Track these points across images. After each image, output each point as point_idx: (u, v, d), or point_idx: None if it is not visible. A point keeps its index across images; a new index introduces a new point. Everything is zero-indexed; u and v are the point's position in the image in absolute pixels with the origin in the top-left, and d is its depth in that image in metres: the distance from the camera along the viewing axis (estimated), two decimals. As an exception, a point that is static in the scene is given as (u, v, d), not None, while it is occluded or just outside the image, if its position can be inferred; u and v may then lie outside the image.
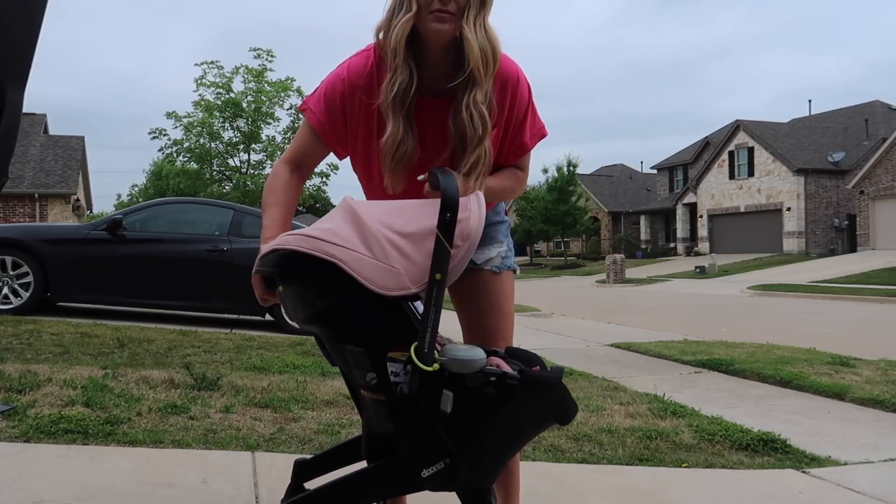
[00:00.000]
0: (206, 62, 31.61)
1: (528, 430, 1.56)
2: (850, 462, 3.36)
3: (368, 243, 1.48)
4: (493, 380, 1.44)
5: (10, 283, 7.44)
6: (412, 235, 1.49)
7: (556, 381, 1.48)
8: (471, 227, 1.49)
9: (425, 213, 1.53)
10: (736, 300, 18.15)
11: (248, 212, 8.82)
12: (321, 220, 1.63)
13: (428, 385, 1.44)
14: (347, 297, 1.48)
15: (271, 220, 1.78)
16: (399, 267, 1.46)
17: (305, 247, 1.49)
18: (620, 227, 47.73)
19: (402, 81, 1.67)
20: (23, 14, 1.97)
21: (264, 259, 1.59)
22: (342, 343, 1.58)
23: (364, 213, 1.53)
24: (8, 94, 1.94)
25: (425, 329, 1.43)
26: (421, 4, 1.63)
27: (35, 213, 26.06)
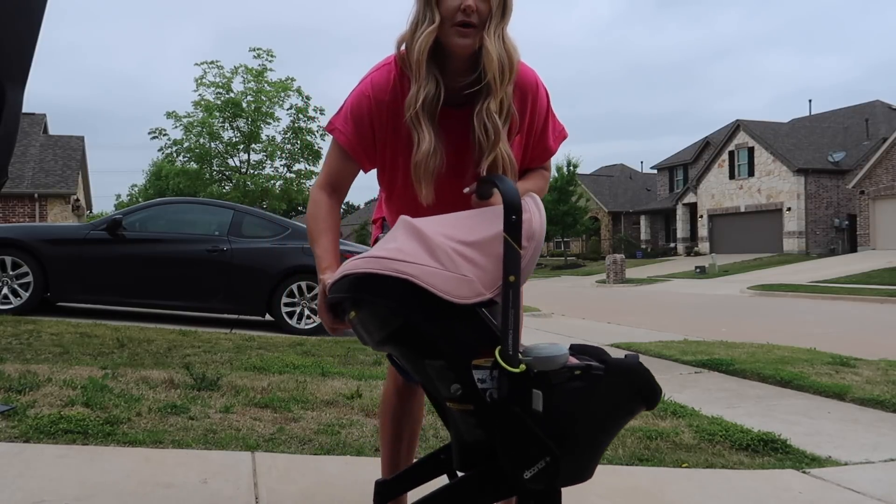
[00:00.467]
0: (205, 62, 31.60)
1: (620, 418, 1.58)
2: (850, 462, 3.36)
3: (436, 256, 1.49)
4: (578, 373, 1.46)
5: (9, 283, 7.44)
6: (477, 244, 1.52)
7: (640, 366, 1.51)
8: (534, 226, 1.52)
9: (483, 221, 1.57)
10: (736, 300, 18.15)
11: (248, 212, 8.82)
12: (383, 240, 1.64)
13: (517, 387, 1.45)
14: (424, 312, 1.49)
15: (324, 249, 1.79)
16: (470, 275, 1.48)
17: (375, 268, 1.50)
18: (620, 227, 47.73)
19: (429, 93, 1.68)
20: (22, 14, 1.97)
21: (335, 286, 1.60)
22: (422, 359, 1.58)
23: (426, 228, 1.55)
24: (8, 94, 1.94)
25: (507, 331, 1.45)
26: (444, 16, 1.64)
27: (35, 213, 26.06)
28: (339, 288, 1.59)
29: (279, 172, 32.17)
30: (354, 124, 1.77)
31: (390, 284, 1.49)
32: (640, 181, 51.44)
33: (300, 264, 8.02)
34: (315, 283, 7.93)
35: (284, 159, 32.09)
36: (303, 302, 7.95)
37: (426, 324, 1.50)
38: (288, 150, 31.91)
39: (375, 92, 1.75)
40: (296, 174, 32.10)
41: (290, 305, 7.92)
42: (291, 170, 32.24)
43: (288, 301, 7.91)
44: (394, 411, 2.03)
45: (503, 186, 1.53)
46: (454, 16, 1.63)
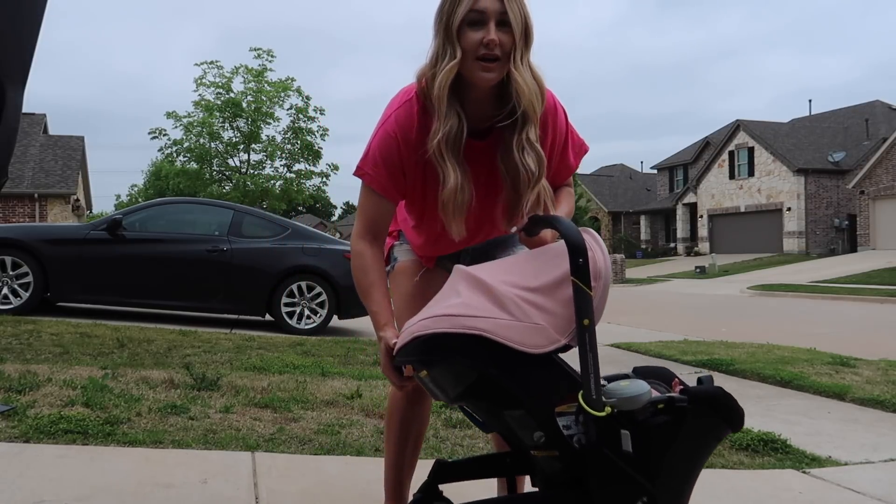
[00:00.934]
0: (205, 62, 31.59)
1: (708, 445, 1.57)
2: (850, 462, 3.36)
3: (505, 307, 1.47)
4: (661, 407, 1.45)
5: (9, 283, 7.44)
6: (542, 289, 1.50)
7: (721, 391, 1.51)
8: (599, 265, 1.51)
9: (543, 264, 1.55)
10: (736, 300, 18.15)
11: (248, 212, 8.83)
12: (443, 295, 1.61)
13: (605, 430, 1.43)
14: (500, 365, 1.46)
15: (378, 304, 1.74)
16: (542, 322, 1.46)
17: (447, 327, 1.48)
18: (620, 227, 47.73)
19: (452, 128, 1.66)
20: (23, 14, 1.97)
21: (405, 351, 1.56)
22: (501, 409, 1.56)
23: (486, 277, 1.54)
24: (8, 94, 1.94)
25: (588, 376, 1.43)
26: (466, 50, 1.61)
27: (35, 213, 26.07)
28: (409, 351, 1.55)
29: (279, 172, 32.17)
30: (385, 167, 1.74)
31: (463, 342, 1.46)
32: (640, 181, 51.44)
33: (300, 264, 8.03)
34: (315, 284, 7.96)
35: (284, 159, 32.09)
36: (303, 302, 7.95)
37: (504, 376, 1.47)
38: (288, 150, 31.90)
39: (402, 131, 1.71)
40: (296, 174, 32.09)
41: (290, 305, 7.92)
42: (291, 170, 32.24)
43: (288, 301, 7.91)
44: (402, 413, 2.02)
45: (563, 228, 1.50)
46: (477, 49, 1.61)
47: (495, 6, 1.61)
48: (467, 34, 1.61)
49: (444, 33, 1.63)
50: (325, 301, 7.97)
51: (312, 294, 7.97)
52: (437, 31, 1.66)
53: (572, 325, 1.46)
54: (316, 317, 7.96)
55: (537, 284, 1.51)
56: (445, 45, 1.64)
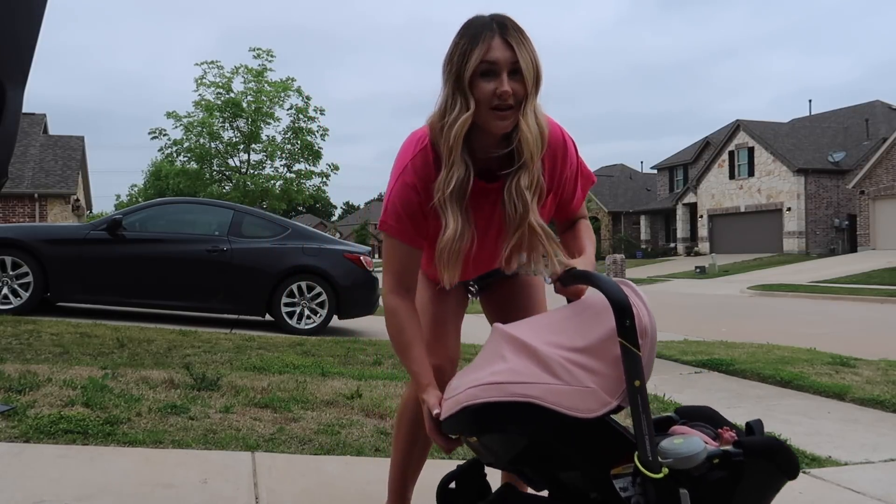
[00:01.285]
0: (205, 62, 31.57)
1: (766, 496, 1.56)
2: (850, 462, 3.36)
3: (553, 371, 1.45)
4: (716, 462, 1.44)
5: (9, 283, 7.44)
6: (588, 349, 1.48)
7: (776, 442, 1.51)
8: (645, 322, 1.50)
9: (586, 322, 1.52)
10: (736, 300, 18.14)
11: (248, 212, 8.82)
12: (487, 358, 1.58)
13: (663, 492, 1.41)
14: (553, 430, 1.45)
15: (418, 364, 1.72)
16: (592, 385, 1.44)
17: (496, 396, 1.46)
18: (620, 227, 47.72)
19: (459, 177, 1.65)
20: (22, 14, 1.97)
21: (453, 421, 1.54)
22: (555, 471, 1.55)
23: (529, 339, 1.51)
24: (8, 94, 1.94)
25: (643, 437, 1.41)
26: (480, 101, 1.60)
27: (35, 213, 26.06)
28: (459, 421, 1.53)
29: (279, 172, 32.16)
30: (408, 217, 1.73)
31: (514, 409, 1.44)
32: (640, 181, 51.43)
33: (300, 264, 8.02)
34: (315, 284, 7.96)
35: (284, 159, 32.09)
36: (303, 302, 7.95)
37: (557, 441, 1.46)
38: (288, 150, 31.89)
39: (420, 181, 1.71)
40: (296, 174, 32.08)
41: (290, 305, 7.92)
42: (291, 170, 32.23)
43: (288, 301, 7.91)
44: (414, 417, 2.00)
45: (605, 287, 1.48)
46: (490, 100, 1.59)
47: (507, 55, 1.58)
48: (480, 85, 1.59)
49: (456, 84, 1.61)
50: (325, 301, 7.97)
51: (312, 294, 7.97)
52: (446, 81, 1.64)
53: (622, 384, 1.44)
54: (316, 317, 7.96)
55: (583, 344, 1.48)
56: (457, 96, 1.61)
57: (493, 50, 1.58)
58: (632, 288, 1.54)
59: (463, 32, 1.63)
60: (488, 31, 1.59)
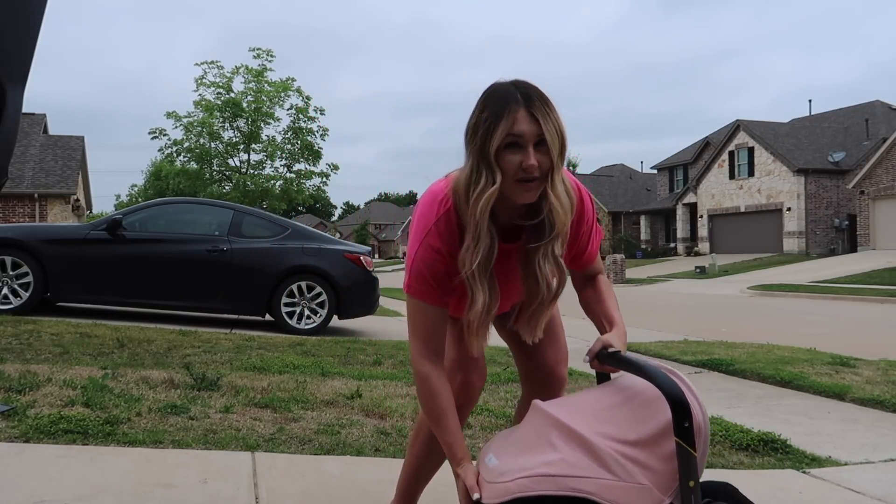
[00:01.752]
0: (205, 62, 31.56)
1: None
2: (850, 462, 3.36)
3: (607, 465, 1.44)
4: None
5: (9, 283, 7.44)
6: (641, 443, 1.47)
7: None
8: (698, 420, 1.48)
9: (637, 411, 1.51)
10: (736, 300, 18.14)
11: (248, 212, 8.82)
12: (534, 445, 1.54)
13: None
14: None
15: (453, 434, 1.68)
16: (646, 482, 1.44)
17: (551, 489, 1.44)
18: (620, 227, 47.72)
19: (485, 248, 1.64)
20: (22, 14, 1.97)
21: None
22: None
23: (580, 428, 1.49)
24: (8, 94, 1.94)
25: None
26: (506, 173, 1.57)
27: (35, 213, 26.06)
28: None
29: (279, 172, 32.16)
30: (433, 280, 1.71)
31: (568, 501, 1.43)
32: (640, 181, 51.44)
33: (300, 264, 8.02)
34: (314, 284, 7.96)
35: (284, 159, 32.08)
36: (303, 302, 7.95)
37: None
38: (288, 151, 31.90)
39: (446, 245, 1.68)
40: (296, 174, 32.08)
41: (290, 305, 7.92)
42: (291, 170, 32.23)
43: (288, 301, 7.91)
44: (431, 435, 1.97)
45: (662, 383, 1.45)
46: (516, 173, 1.57)
47: (532, 128, 1.56)
48: (506, 158, 1.57)
49: (481, 156, 1.59)
50: (325, 301, 7.97)
51: (312, 294, 7.97)
52: (471, 152, 1.62)
53: (675, 482, 1.44)
54: (316, 317, 7.96)
55: (636, 438, 1.47)
56: (482, 168, 1.59)
57: (518, 123, 1.55)
58: (684, 381, 1.52)
59: (486, 103, 1.60)
60: (513, 102, 1.56)
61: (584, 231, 1.81)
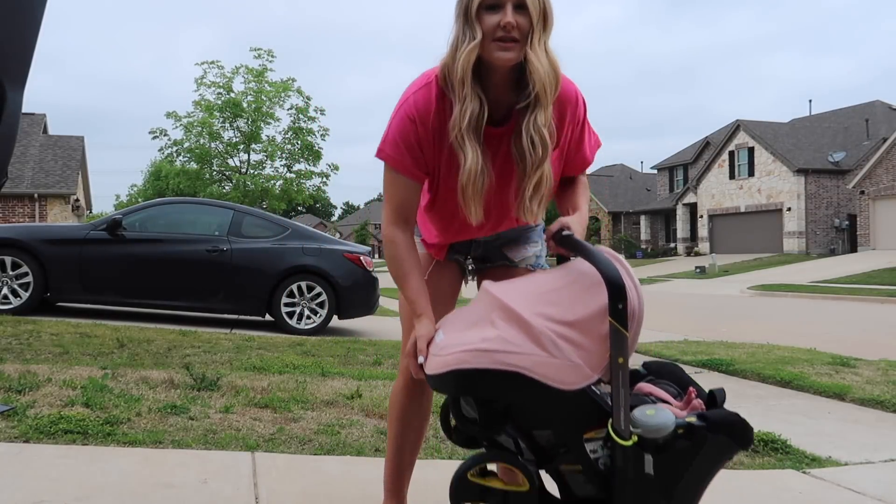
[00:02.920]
0: (206, 62, 31.57)
1: (720, 465, 1.63)
2: (850, 462, 3.36)
3: (542, 343, 1.51)
4: (681, 432, 1.52)
5: (9, 284, 7.44)
6: (577, 324, 1.54)
7: (737, 418, 1.56)
8: (634, 305, 1.54)
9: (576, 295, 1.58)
10: (736, 300, 18.14)
11: (248, 212, 8.82)
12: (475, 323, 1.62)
13: (630, 457, 1.51)
14: (535, 399, 1.53)
15: (415, 291, 1.78)
16: (578, 360, 1.51)
17: (485, 363, 1.52)
18: (620, 228, 47.71)
19: (473, 111, 1.69)
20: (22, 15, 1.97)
21: (439, 380, 1.60)
22: (530, 431, 1.63)
23: (520, 308, 1.56)
24: (8, 94, 1.94)
25: (619, 409, 1.50)
26: (485, 32, 1.65)
27: (35, 213, 26.05)
28: (444, 383, 1.58)
29: (279, 172, 32.17)
30: (405, 148, 1.77)
31: (501, 377, 1.51)
32: (640, 181, 51.43)
33: (300, 264, 8.02)
34: (314, 284, 7.96)
35: (284, 159, 32.10)
36: (303, 302, 7.95)
37: (538, 408, 1.54)
38: (288, 151, 31.91)
39: (420, 114, 1.76)
40: (296, 174, 32.10)
41: (290, 305, 7.92)
42: (291, 170, 32.24)
43: (288, 301, 7.91)
44: (402, 406, 2.05)
45: (602, 267, 1.53)
46: (494, 32, 1.65)
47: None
48: (485, 17, 1.65)
49: (464, 17, 1.68)
50: (325, 301, 7.97)
51: (312, 294, 7.97)
52: (457, 17, 1.71)
53: (606, 359, 1.52)
54: (316, 317, 7.96)
55: (573, 319, 1.54)
56: (465, 29, 1.68)
57: None
58: (623, 265, 1.58)
59: None
60: None
61: (575, 134, 1.85)
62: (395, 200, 1.82)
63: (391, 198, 1.82)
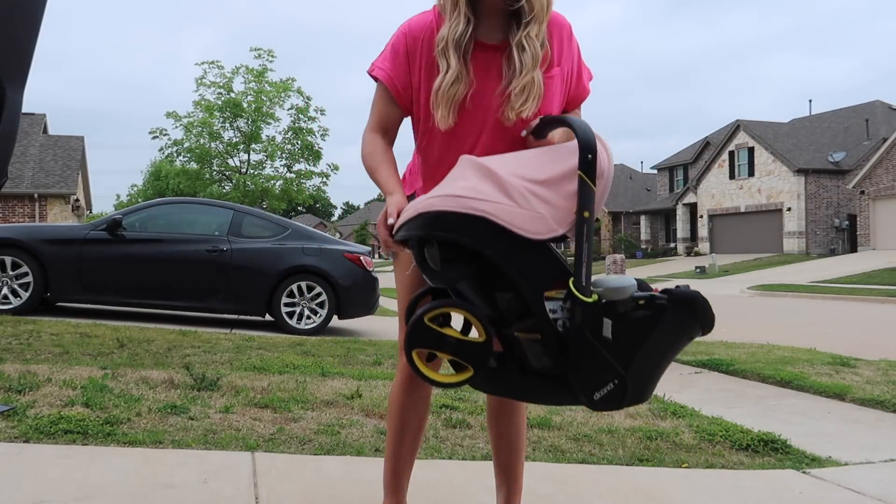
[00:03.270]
0: (206, 62, 31.59)
1: (680, 343, 1.65)
2: (850, 462, 3.36)
3: (510, 195, 1.56)
4: (642, 303, 1.55)
5: (9, 284, 7.44)
6: (547, 182, 1.59)
7: (699, 296, 1.60)
8: (604, 164, 1.60)
9: (550, 160, 1.64)
10: (736, 300, 18.14)
11: (248, 212, 8.83)
12: (451, 179, 1.68)
13: (590, 316, 1.54)
14: (499, 248, 1.55)
15: (387, 176, 1.83)
16: (544, 212, 1.56)
17: (453, 206, 1.56)
18: (620, 228, 47.71)
19: (460, 30, 1.76)
20: (22, 15, 1.97)
21: (409, 225, 1.63)
22: (492, 291, 1.66)
23: (496, 168, 1.61)
24: (8, 94, 1.94)
25: (580, 264, 1.54)
26: None
27: (35, 213, 26.05)
28: (413, 226, 1.61)
29: (279, 172, 32.18)
30: (391, 56, 1.85)
31: (467, 222, 1.54)
32: (640, 181, 51.42)
33: (300, 264, 8.03)
34: (314, 284, 7.97)
35: (284, 159, 32.11)
36: (303, 302, 7.95)
37: (501, 259, 1.56)
38: (288, 151, 31.92)
39: (411, 30, 1.83)
40: (296, 174, 32.11)
41: (290, 305, 7.92)
42: (291, 170, 32.25)
43: (288, 301, 7.91)
44: (400, 404, 2.05)
45: (576, 125, 1.59)
46: None
47: None
48: None
49: None
50: (325, 301, 7.97)
51: (312, 294, 7.97)
52: None
53: (571, 218, 1.56)
54: (316, 317, 7.96)
55: (543, 178, 1.59)
56: None
57: None
58: (600, 137, 1.63)
59: None
60: None
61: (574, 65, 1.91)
62: (375, 113, 1.90)
63: (373, 111, 1.90)
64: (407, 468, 2.10)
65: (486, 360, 1.62)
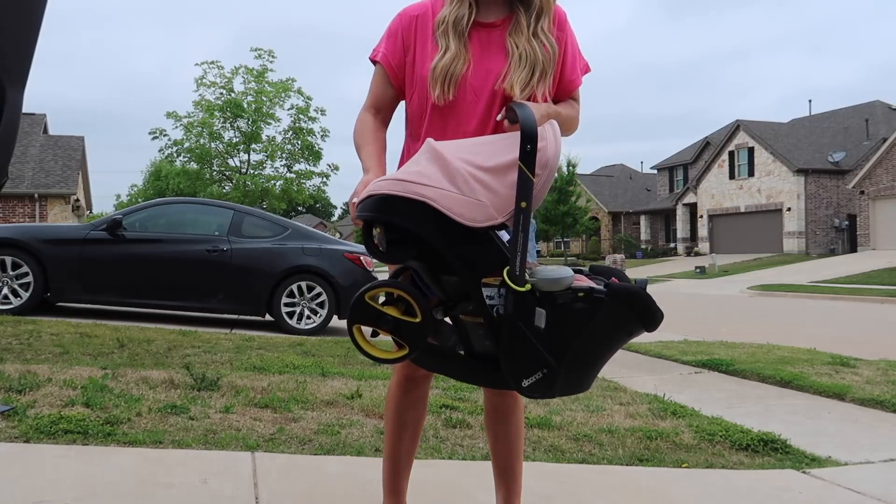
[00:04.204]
0: (206, 62, 31.59)
1: (618, 338, 1.66)
2: (850, 462, 3.36)
3: (454, 180, 1.58)
4: (581, 295, 1.55)
5: (9, 284, 7.44)
6: (493, 169, 1.60)
7: (641, 291, 1.59)
8: (549, 155, 1.60)
9: (503, 147, 1.65)
10: (736, 300, 18.14)
11: (248, 212, 8.82)
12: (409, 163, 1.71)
13: (522, 305, 1.54)
14: (440, 233, 1.57)
15: (368, 155, 1.87)
16: (484, 199, 1.57)
17: (397, 190, 1.58)
18: (620, 228, 47.72)
19: (461, 13, 1.80)
20: (22, 15, 1.97)
21: (363, 204, 1.66)
22: (438, 274, 1.70)
23: (447, 152, 1.63)
24: (8, 94, 1.94)
25: (515, 254, 1.54)
26: None
27: (35, 213, 26.05)
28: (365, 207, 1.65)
29: (279, 172, 32.20)
30: (387, 40, 1.89)
31: (409, 206, 1.57)
32: (640, 181, 51.43)
33: (300, 264, 8.03)
34: (315, 284, 7.97)
35: (285, 159, 32.12)
36: (303, 302, 7.95)
37: (442, 243, 1.58)
38: (288, 151, 31.93)
39: (408, 10, 1.88)
40: (296, 174, 32.13)
41: (290, 305, 7.92)
42: (291, 170, 32.27)
43: (288, 301, 7.91)
44: (397, 402, 2.06)
45: (522, 114, 1.60)
46: None
47: None
48: None
49: None
50: (325, 301, 7.97)
51: (312, 294, 7.97)
52: None
53: (512, 206, 1.57)
54: (316, 317, 7.96)
55: (490, 165, 1.60)
56: None
57: None
58: (552, 126, 1.64)
59: None
60: None
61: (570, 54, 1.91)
62: (373, 93, 1.94)
63: (371, 91, 1.94)
64: (406, 468, 2.10)
65: (422, 339, 1.64)
